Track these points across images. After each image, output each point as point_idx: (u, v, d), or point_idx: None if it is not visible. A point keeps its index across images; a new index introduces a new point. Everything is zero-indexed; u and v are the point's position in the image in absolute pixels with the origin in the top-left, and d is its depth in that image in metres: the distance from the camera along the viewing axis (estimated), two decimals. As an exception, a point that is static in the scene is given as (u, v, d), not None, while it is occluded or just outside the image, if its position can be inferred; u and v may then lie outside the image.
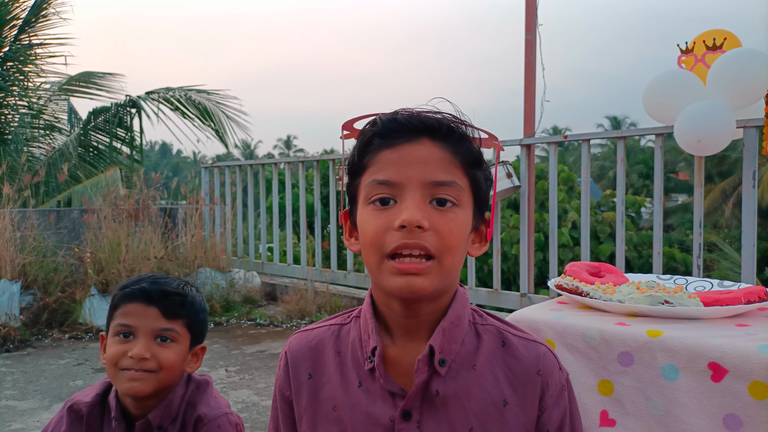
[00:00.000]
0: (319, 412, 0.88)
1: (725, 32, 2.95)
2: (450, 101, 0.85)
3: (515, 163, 5.24)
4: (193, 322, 1.25)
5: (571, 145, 28.12)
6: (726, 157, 16.84)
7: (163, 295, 1.20)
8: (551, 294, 2.09)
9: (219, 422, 1.21)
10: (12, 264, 4.31)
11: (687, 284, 1.33)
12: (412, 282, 0.78)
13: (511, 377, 0.85)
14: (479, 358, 0.85)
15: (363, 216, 0.82)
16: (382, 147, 0.82)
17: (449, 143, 0.82)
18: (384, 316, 0.86)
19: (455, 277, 0.84)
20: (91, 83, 8.50)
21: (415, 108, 0.83)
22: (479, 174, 0.84)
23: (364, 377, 0.85)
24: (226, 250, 5.48)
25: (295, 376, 0.91)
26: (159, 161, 52.60)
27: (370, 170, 0.82)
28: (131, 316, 1.19)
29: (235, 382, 3.25)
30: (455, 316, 0.84)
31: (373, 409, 0.83)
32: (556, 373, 0.87)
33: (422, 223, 0.77)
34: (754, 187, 2.86)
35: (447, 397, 0.82)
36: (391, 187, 0.80)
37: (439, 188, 0.79)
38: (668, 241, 13.00)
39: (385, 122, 0.83)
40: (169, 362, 1.19)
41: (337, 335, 0.91)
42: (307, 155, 22.05)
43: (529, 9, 4.06)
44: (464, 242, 0.82)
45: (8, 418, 2.77)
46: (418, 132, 0.81)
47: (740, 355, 0.86)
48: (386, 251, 0.79)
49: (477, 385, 0.84)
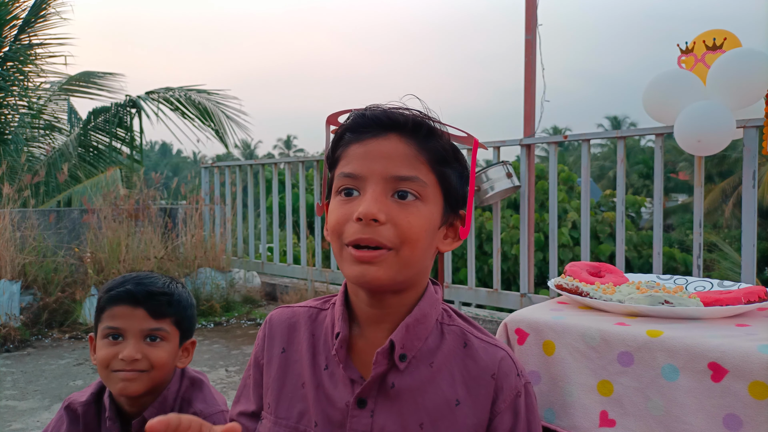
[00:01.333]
0: (286, 387, 0.91)
1: (725, 32, 2.95)
2: (419, 98, 0.87)
3: (515, 163, 5.24)
4: (182, 319, 1.24)
5: (571, 145, 28.13)
6: (726, 157, 16.85)
7: (148, 295, 1.20)
8: (551, 294, 2.10)
9: (215, 419, 1.21)
10: (12, 264, 4.31)
11: (687, 284, 1.33)
12: (366, 270, 0.80)
13: (467, 378, 0.87)
14: (438, 356, 0.87)
15: (331, 206, 0.85)
16: (352, 141, 0.85)
17: (416, 139, 0.83)
18: (353, 305, 0.89)
19: (420, 271, 0.85)
20: (91, 83, 8.50)
21: (386, 104, 0.85)
22: (449, 170, 0.85)
23: (330, 361, 0.88)
24: (226, 250, 5.48)
25: (269, 346, 0.94)
26: (159, 161, 52.59)
27: (341, 163, 0.85)
28: (119, 319, 1.18)
29: (235, 382, 3.25)
30: (421, 313, 0.86)
31: (334, 392, 0.86)
32: (512, 378, 0.87)
33: (378, 216, 0.78)
34: (754, 187, 2.86)
35: (401, 391, 0.85)
36: (355, 179, 0.82)
37: (401, 182, 0.81)
38: (668, 241, 13.00)
39: (354, 118, 0.86)
40: (160, 361, 1.19)
41: (315, 318, 0.94)
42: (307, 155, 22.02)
43: (529, 9, 4.06)
44: (427, 236, 0.83)
45: (8, 418, 2.77)
46: (384, 127, 0.83)
47: (740, 355, 0.86)
48: (345, 241, 0.81)
49: (432, 383, 0.85)
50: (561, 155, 24.26)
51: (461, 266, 6.65)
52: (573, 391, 0.99)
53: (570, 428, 0.98)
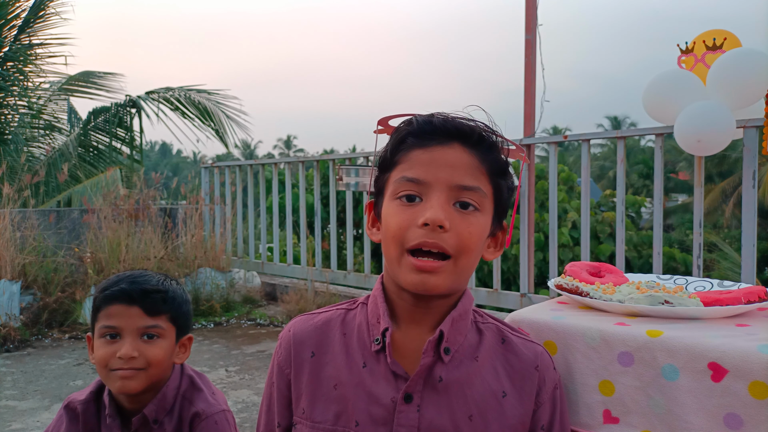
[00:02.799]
0: (320, 390, 0.90)
1: (725, 32, 2.95)
2: (485, 110, 0.89)
3: (515, 163, 5.24)
4: (177, 316, 1.25)
5: (571, 145, 28.12)
6: (726, 157, 16.84)
7: (143, 293, 1.20)
8: (551, 294, 2.09)
9: (216, 419, 1.22)
10: (12, 264, 4.31)
11: (687, 284, 1.32)
12: (427, 279, 0.82)
13: (510, 371, 0.89)
14: (481, 351, 0.89)
15: (388, 209, 0.86)
16: (415, 146, 0.86)
17: (478, 150, 0.86)
18: (392, 303, 0.90)
19: (468, 277, 0.88)
20: (91, 83, 8.50)
21: (450, 113, 0.87)
22: (503, 183, 0.89)
23: (369, 358, 0.89)
24: (226, 250, 5.48)
25: (297, 353, 0.93)
26: (159, 161, 52.60)
27: (401, 167, 0.86)
28: (115, 317, 1.19)
29: (235, 382, 3.25)
30: (463, 309, 0.89)
31: (376, 389, 0.86)
32: (551, 371, 0.92)
33: (444, 224, 0.80)
34: (754, 187, 2.86)
35: (449, 384, 0.86)
36: (419, 185, 0.83)
37: (464, 192, 0.83)
38: (668, 241, 12.99)
39: (420, 123, 0.86)
40: (157, 358, 1.20)
41: (344, 318, 0.95)
42: (307, 155, 22.05)
43: (529, 9, 4.06)
44: (481, 246, 0.87)
45: (8, 418, 2.77)
46: (450, 136, 0.85)
47: (740, 355, 0.86)
48: (407, 246, 0.83)
49: (478, 376, 0.87)
50: (561, 155, 24.25)
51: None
52: (576, 390, 0.99)
53: (575, 425, 0.99)
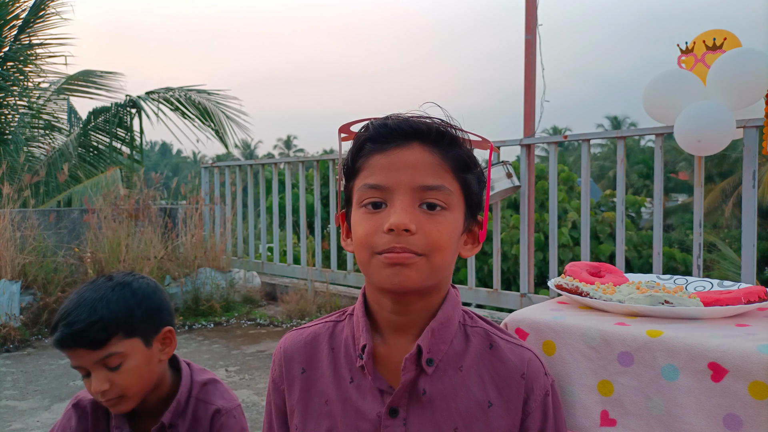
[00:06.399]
0: (311, 406, 0.89)
1: (725, 32, 2.95)
2: (440, 106, 0.86)
3: (515, 163, 5.24)
4: (133, 328, 1.16)
5: (571, 145, 28.13)
6: (726, 157, 16.85)
7: (75, 337, 1.11)
8: (551, 294, 2.09)
9: (234, 413, 1.25)
10: (12, 264, 4.31)
11: (687, 284, 1.32)
12: (399, 272, 0.79)
13: (497, 379, 0.86)
14: (466, 359, 0.87)
15: (356, 218, 0.84)
16: (374, 151, 0.83)
17: (439, 148, 0.83)
18: (375, 314, 0.88)
19: (445, 276, 0.86)
20: (91, 82, 8.50)
21: (406, 113, 0.85)
22: (470, 177, 0.86)
23: (355, 373, 0.87)
24: (226, 250, 5.48)
25: (288, 370, 0.92)
26: (159, 161, 52.60)
27: (362, 174, 0.84)
28: (72, 359, 1.16)
29: (235, 382, 3.25)
30: (445, 317, 0.86)
31: (363, 404, 0.85)
32: (540, 378, 0.88)
33: (409, 227, 0.78)
34: (754, 187, 2.86)
35: (433, 396, 0.84)
36: (381, 191, 0.81)
37: (429, 192, 0.81)
38: (668, 241, 13.00)
39: (376, 127, 0.84)
40: (128, 382, 1.14)
41: (332, 332, 0.93)
42: (307, 155, 22.05)
43: (529, 9, 4.06)
44: (454, 243, 0.84)
45: (8, 418, 2.77)
46: (408, 137, 0.82)
47: (740, 355, 0.86)
48: (375, 251, 0.81)
49: (463, 386, 0.85)
50: (561, 155, 24.26)
51: (461, 266, 6.65)
52: (573, 391, 0.99)
53: (571, 428, 0.98)
